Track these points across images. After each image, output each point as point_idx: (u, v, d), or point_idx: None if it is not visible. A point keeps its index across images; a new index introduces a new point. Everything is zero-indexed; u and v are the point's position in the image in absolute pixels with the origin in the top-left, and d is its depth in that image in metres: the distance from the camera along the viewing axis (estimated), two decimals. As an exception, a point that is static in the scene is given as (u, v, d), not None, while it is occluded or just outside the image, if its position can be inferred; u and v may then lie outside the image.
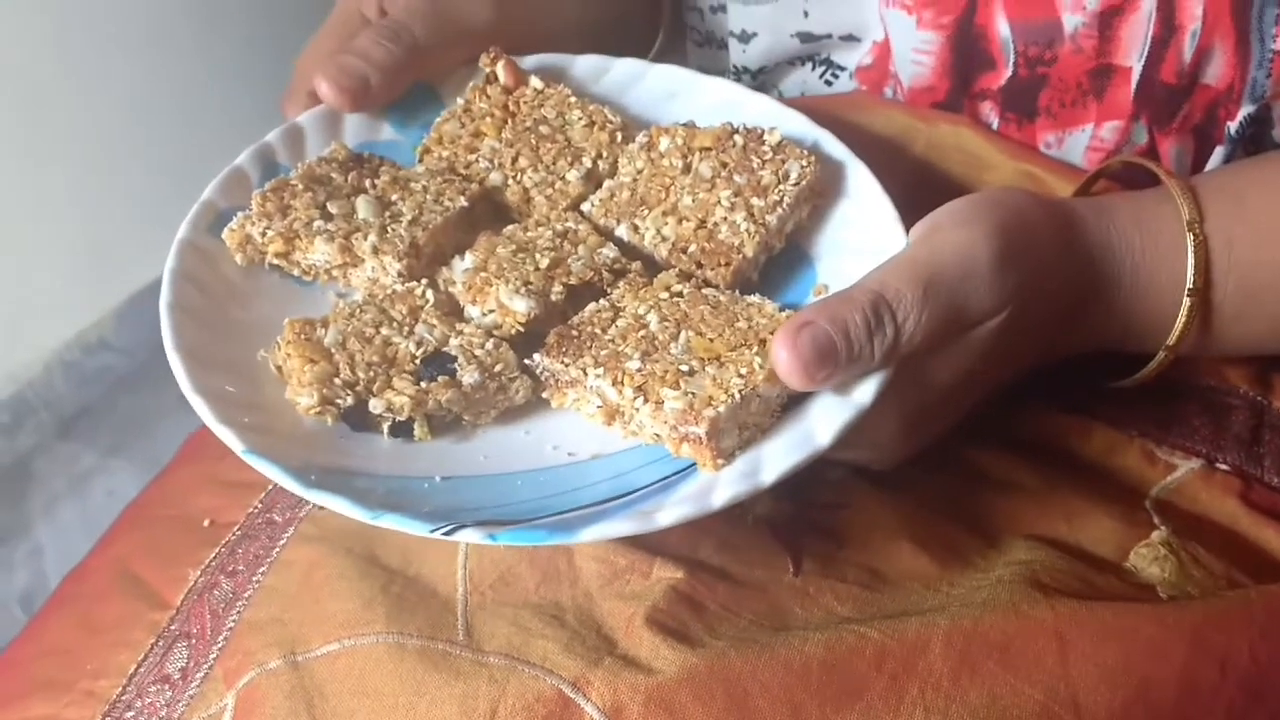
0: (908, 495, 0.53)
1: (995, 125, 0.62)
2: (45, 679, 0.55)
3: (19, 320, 1.34)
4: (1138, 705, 0.45)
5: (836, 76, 0.66)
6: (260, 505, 0.57)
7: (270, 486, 0.58)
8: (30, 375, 1.35)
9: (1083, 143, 0.60)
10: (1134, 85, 0.57)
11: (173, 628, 0.54)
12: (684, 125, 0.57)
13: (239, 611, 0.52)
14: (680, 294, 0.50)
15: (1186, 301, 0.51)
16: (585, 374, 0.47)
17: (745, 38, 0.66)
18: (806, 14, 0.63)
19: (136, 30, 1.23)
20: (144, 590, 0.56)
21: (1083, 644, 0.46)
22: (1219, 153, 0.58)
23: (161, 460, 0.66)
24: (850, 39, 0.64)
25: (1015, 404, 0.56)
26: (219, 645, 0.52)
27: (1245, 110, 0.56)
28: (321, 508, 0.54)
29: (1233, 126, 0.56)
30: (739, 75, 0.68)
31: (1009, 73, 0.60)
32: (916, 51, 0.61)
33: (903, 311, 0.45)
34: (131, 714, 0.52)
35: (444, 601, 0.50)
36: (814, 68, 0.66)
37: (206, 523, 0.57)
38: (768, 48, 0.65)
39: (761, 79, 0.68)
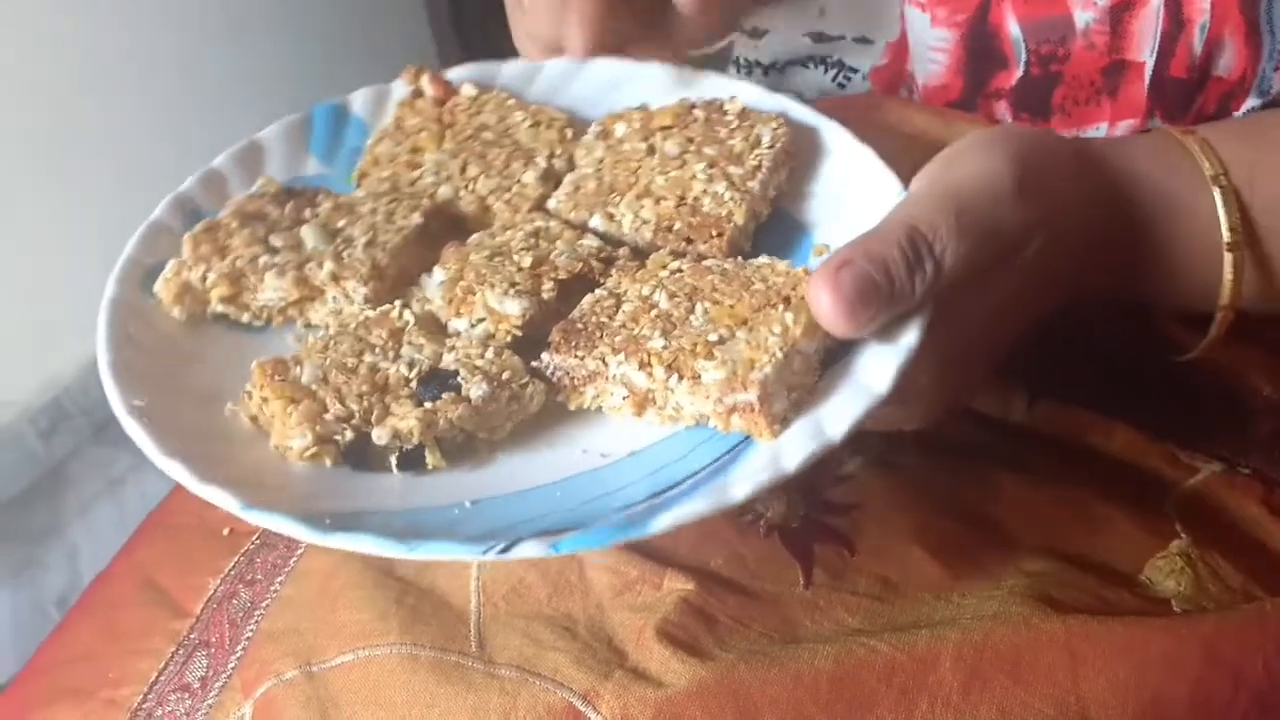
0: (922, 494, 0.53)
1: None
2: (70, 686, 0.56)
3: (55, 326, 1.36)
4: None
5: (849, 79, 0.65)
6: (279, 515, 0.57)
7: (289, 496, 0.58)
8: (66, 381, 1.37)
9: None
10: (1148, 80, 0.56)
11: (192, 636, 0.54)
12: (637, 109, 0.56)
13: (257, 621, 0.53)
14: (680, 270, 0.47)
15: (1228, 257, 0.49)
16: (605, 363, 0.44)
17: (757, 34, 0.66)
18: (823, 12, 0.63)
19: (167, 42, 1.24)
20: (165, 598, 0.56)
21: (1094, 658, 0.45)
22: None
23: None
24: (864, 40, 0.63)
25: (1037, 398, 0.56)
26: (237, 655, 0.52)
27: (1251, 103, 0.55)
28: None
29: (1238, 116, 0.56)
30: (749, 70, 0.68)
31: (1021, 72, 0.59)
32: (932, 50, 0.61)
33: (939, 242, 0.42)
34: (152, 722, 0.53)
35: (457, 613, 0.50)
36: (826, 70, 0.66)
37: (226, 531, 0.58)
38: (780, 45, 0.65)
39: (773, 76, 0.67)
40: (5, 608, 1.26)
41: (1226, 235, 0.49)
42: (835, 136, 0.53)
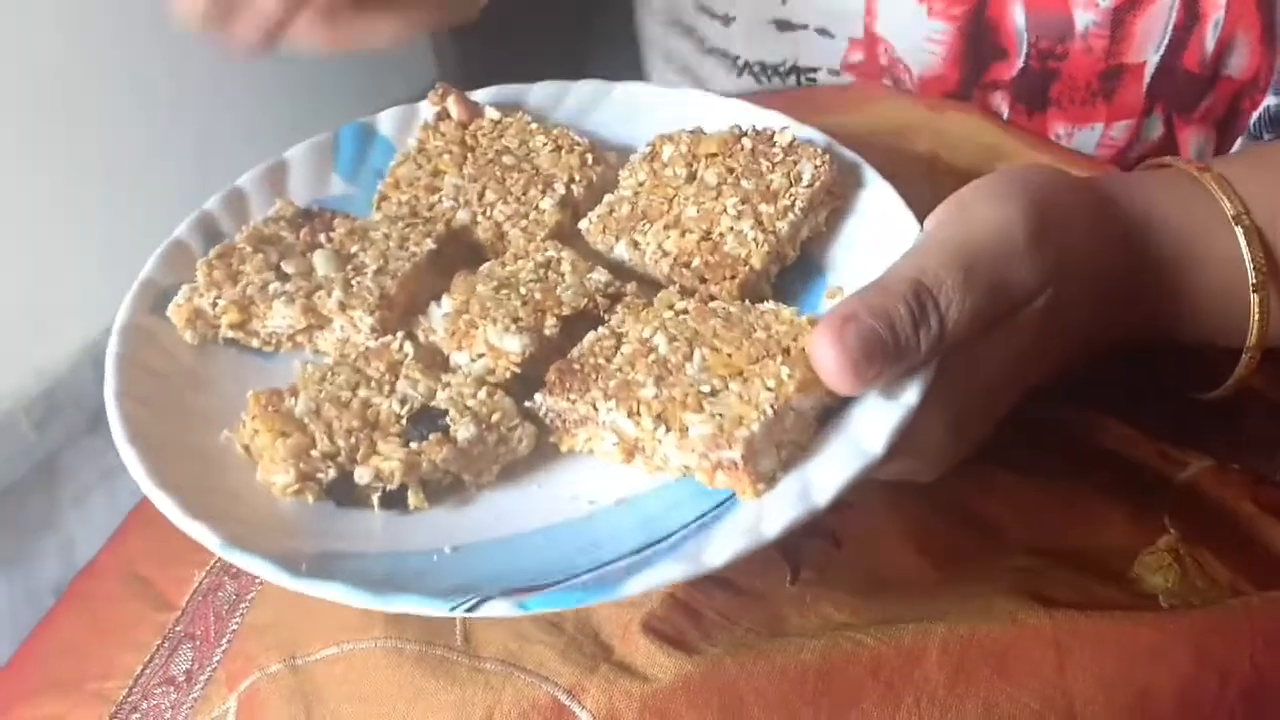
0: (910, 490, 0.52)
1: (1006, 115, 0.61)
2: (55, 678, 0.55)
3: (48, 317, 1.36)
4: (1136, 715, 0.45)
5: (813, 80, 0.65)
6: (265, 507, 0.57)
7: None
8: (59, 371, 1.37)
9: (1093, 140, 0.60)
10: (1148, 78, 0.56)
11: (178, 629, 0.54)
12: (690, 131, 0.54)
13: (242, 614, 0.53)
14: (685, 311, 0.46)
15: (1254, 298, 0.48)
16: (596, 409, 0.43)
17: (727, 21, 0.65)
18: (784, 1, 0.62)
19: (162, 43, 1.24)
20: (150, 590, 0.56)
21: (1081, 653, 0.45)
22: (1240, 144, 0.57)
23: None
24: (825, 33, 0.63)
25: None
26: (222, 647, 0.52)
27: (1269, 101, 0.55)
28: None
29: (1254, 117, 0.55)
30: (733, 62, 0.67)
31: (1021, 63, 0.59)
32: (928, 40, 0.60)
33: (945, 297, 0.42)
34: (138, 715, 0.52)
35: (443, 606, 0.50)
36: (784, 78, 0.65)
37: (213, 523, 0.58)
38: (745, 32, 0.65)
39: (746, 79, 0.67)
40: (1, 598, 1.26)
41: (1252, 276, 0.48)
42: (869, 179, 0.52)
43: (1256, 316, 0.48)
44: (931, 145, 0.60)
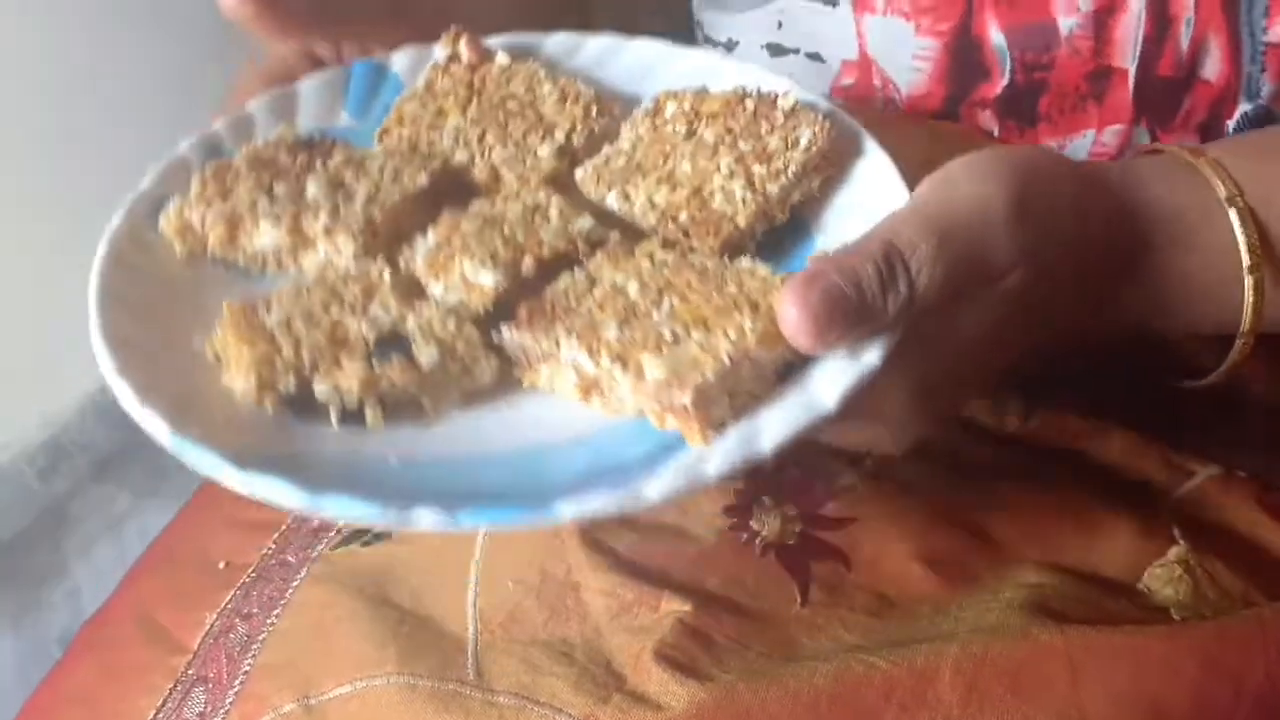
0: (918, 507, 0.52)
1: (996, 133, 0.62)
2: (69, 726, 0.55)
3: (53, 364, 1.36)
4: None
5: None
6: (274, 546, 0.57)
7: (284, 526, 0.58)
8: (65, 419, 1.37)
9: (1085, 148, 0.60)
10: (1132, 86, 0.57)
11: (190, 672, 0.54)
12: (695, 90, 0.54)
13: (254, 655, 0.53)
14: (664, 262, 0.46)
15: (1249, 280, 0.47)
16: (559, 346, 0.43)
17: (730, 46, 0.66)
18: (780, 25, 0.63)
19: (161, 69, 1.25)
20: (162, 635, 0.56)
21: (1094, 668, 0.45)
22: None
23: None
24: (815, 58, 0.64)
25: (1032, 406, 0.55)
26: (235, 689, 0.52)
27: (1243, 108, 0.55)
28: (335, 548, 0.55)
29: (1231, 125, 0.56)
30: None
31: (1005, 80, 0.60)
32: (915, 58, 0.61)
33: (916, 263, 0.41)
34: (152, 760, 0.52)
35: (455, 641, 0.50)
36: None
37: (222, 564, 0.58)
38: (742, 59, 0.65)
39: None
40: (8, 649, 1.26)
41: (1246, 258, 0.47)
42: (868, 148, 0.52)
43: (1251, 300, 0.48)
44: (929, 150, 0.61)
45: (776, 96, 0.52)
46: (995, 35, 0.59)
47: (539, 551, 0.51)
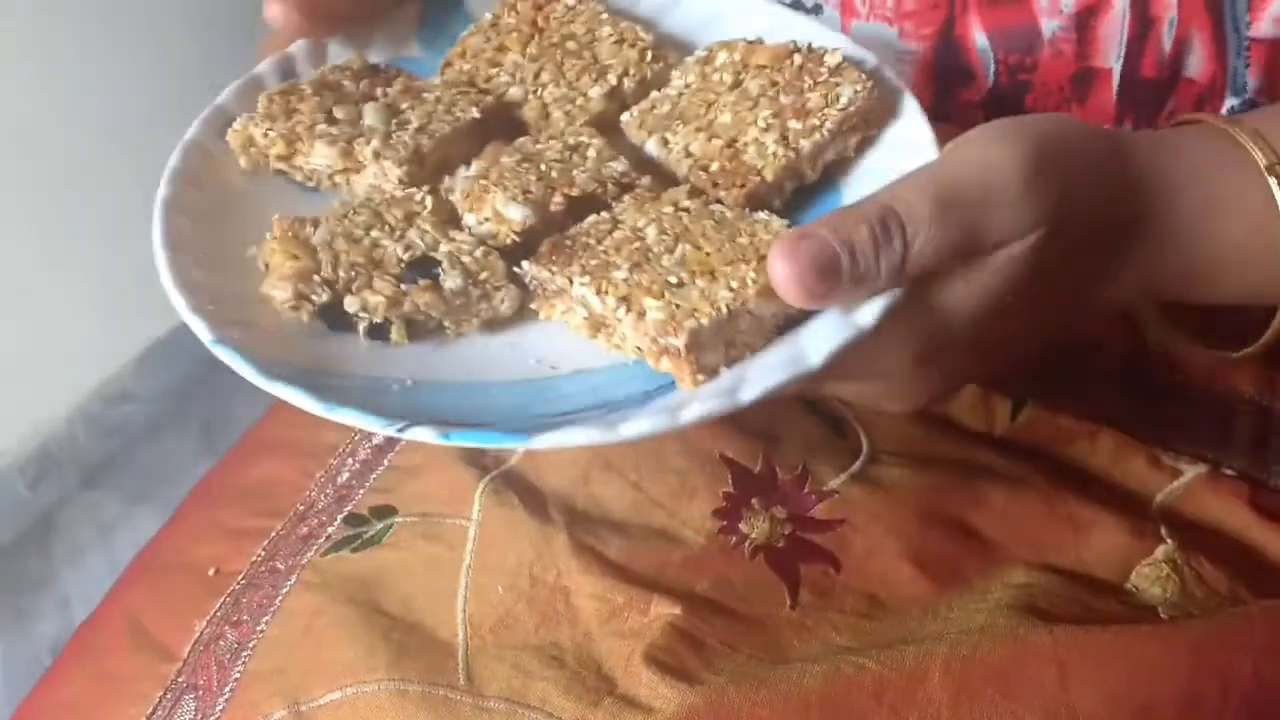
0: (907, 508, 0.53)
1: None
2: (59, 734, 0.55)
3: (41, 373, 1.36)
4: None
5: None
6: (263, 553, 0.57)
7: (273, 533, 0.58)
8: (53, 428, 1.37)
9: None
10: (1116, 86, 0.57)
11: (180, 680, 0.54)
12: (749, 41, 0.54)
13: (244, 662, 0.53)
14: (686, 209, 0.47)
15: None
16: (571, 282, 0.45)
17: None
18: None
19: (154, 86, 1.25)
20: (152, 642, 0.56)
21: (1083, 668, 0.45)
22: None
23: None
24: None
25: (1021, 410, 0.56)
26: (225, 696, 0.52)
27: (1230, 103, 0.55)
28: (325, 554, 0.55)
29: None
30: None
31: (990, 83, 0.60)
32: (901, 63, 0.61)
33: (913, 227, 0.41)
34: (142, 768, 0.52)
35: (445, 646, 0.50)
36: None
37: (212, 571, 0.58)
38: None
39: None
40: (-2, 658, 1.25)
41: None
42: (909, 111, 0.51)
43: None
44: None
45: (825, 53, 0.52)
46: (979, 38, 0.59)
47: (528, 557, 0.51)
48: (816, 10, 0.64)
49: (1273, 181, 0.46)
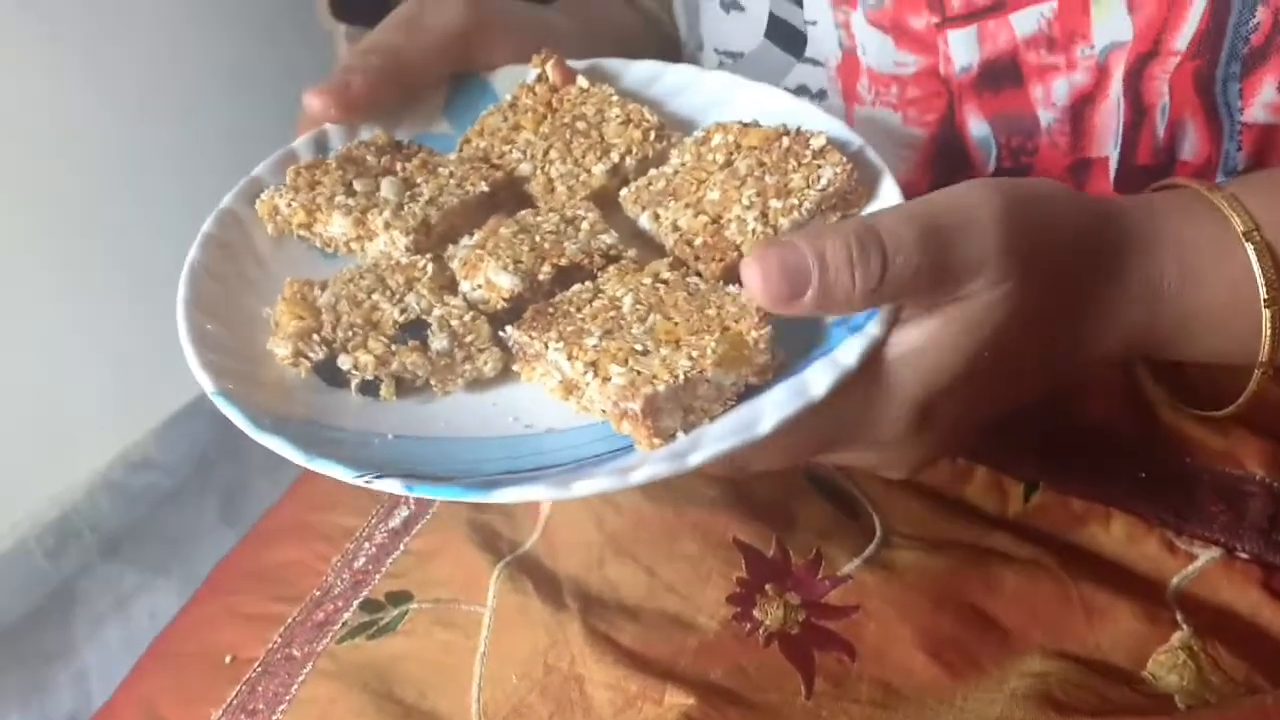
0: (922, 594, 0.53)
1: None
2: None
3: (62, 442, 1.36)
4: None
5: None
6: (279, 639, 0.57)
7: (289, 620, 0.58)
8: (74, 497, 1.37)
9: None
10: (1113, 174, 0.57)
11: (197, 769, 0.54)
12: (745, 123, 0.56)
13: (260, 751, 0.53)
14: (665, 281, 0.50)
15: (1266, 314, 0.48)
16: (547, 347, 0.47)
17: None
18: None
19: (177, 147, 1.27)
20: (168, 731, 0.56)
21: (1099, 760, 0.45)
22: None
23: (204, 579, 0.67)
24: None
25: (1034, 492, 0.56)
26: (241, 786, 0.52)
27: (1221, 180, 0.56)
28: (340, 641, 0.56)
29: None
30: None
31: (993, 167, 0.60)
32: (904, 147, 0.62)
33: (894, 247, 0.42)
34: None
35: (459, 735, 0.50)
36: None
37: (228, 659, 0.58)
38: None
39: None
40: (15, 732, 1.25)
41: (1264, 291, 0.48)
42: (887, 192, 0.53)
43: (1269, 333, 0.48)
44: None
45: (810, 136, 0.54)
46: (978, 127, 0.60)
47: (542, 644, 0.51)
48: (821, 96, 0.65)
49: (1250, 247, 0.48)
